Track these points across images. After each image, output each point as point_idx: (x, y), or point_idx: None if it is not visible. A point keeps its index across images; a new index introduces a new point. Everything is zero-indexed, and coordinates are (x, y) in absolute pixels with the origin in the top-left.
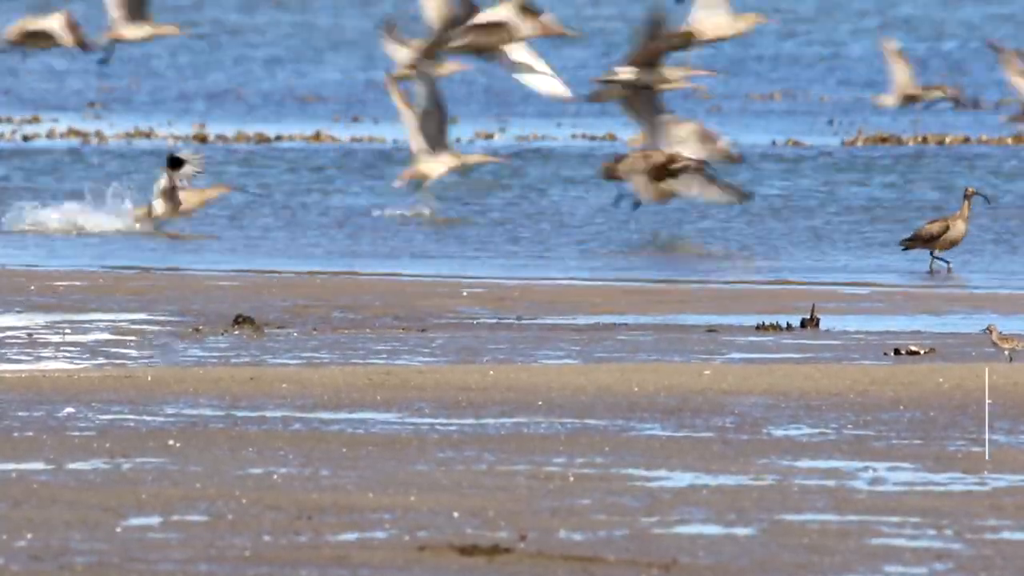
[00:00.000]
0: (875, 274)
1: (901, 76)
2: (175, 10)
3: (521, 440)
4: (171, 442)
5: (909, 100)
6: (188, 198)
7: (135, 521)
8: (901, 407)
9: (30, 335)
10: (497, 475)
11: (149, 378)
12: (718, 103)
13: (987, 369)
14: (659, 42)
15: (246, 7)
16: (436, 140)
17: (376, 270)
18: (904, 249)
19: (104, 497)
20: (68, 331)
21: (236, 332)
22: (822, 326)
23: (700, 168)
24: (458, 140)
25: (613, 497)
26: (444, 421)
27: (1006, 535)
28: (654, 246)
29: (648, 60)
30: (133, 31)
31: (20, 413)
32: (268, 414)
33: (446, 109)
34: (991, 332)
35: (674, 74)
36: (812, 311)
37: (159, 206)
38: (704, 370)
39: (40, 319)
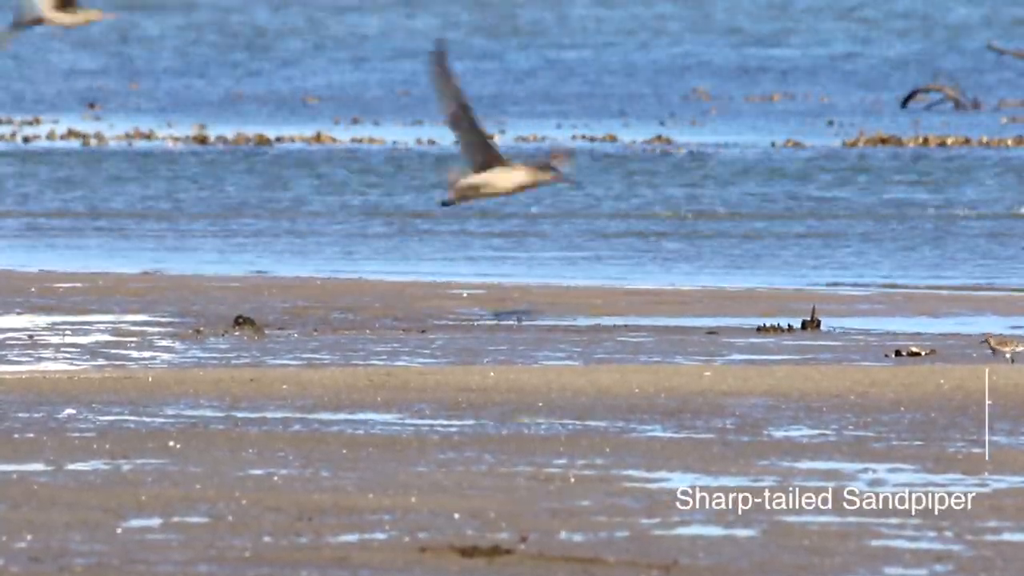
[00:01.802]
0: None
1: None
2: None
3: (521, 441)
4: (171, 443)
5: None
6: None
7: (135, 522)
8: (901, 408)
9: (31, 336)
10: (498, 476)
11: (149, 379)
12: (718, 103)
13: (987, 370)
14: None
15: (247, 7)
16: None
17: (379, 272)
18: None
19: (104, 498)
20: (68, 332)
21: (237, 333)
22: (823, 327)
23: None
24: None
25: (613, 498)
26: (444, 422)
27: (1006, 536)
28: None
29: None
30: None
31: (21, 414)
32: (268, 415)
33: None
34: (989, 341)
35: None
36: (813, 313)
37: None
38: (704, 372)
39: (41, 320)
